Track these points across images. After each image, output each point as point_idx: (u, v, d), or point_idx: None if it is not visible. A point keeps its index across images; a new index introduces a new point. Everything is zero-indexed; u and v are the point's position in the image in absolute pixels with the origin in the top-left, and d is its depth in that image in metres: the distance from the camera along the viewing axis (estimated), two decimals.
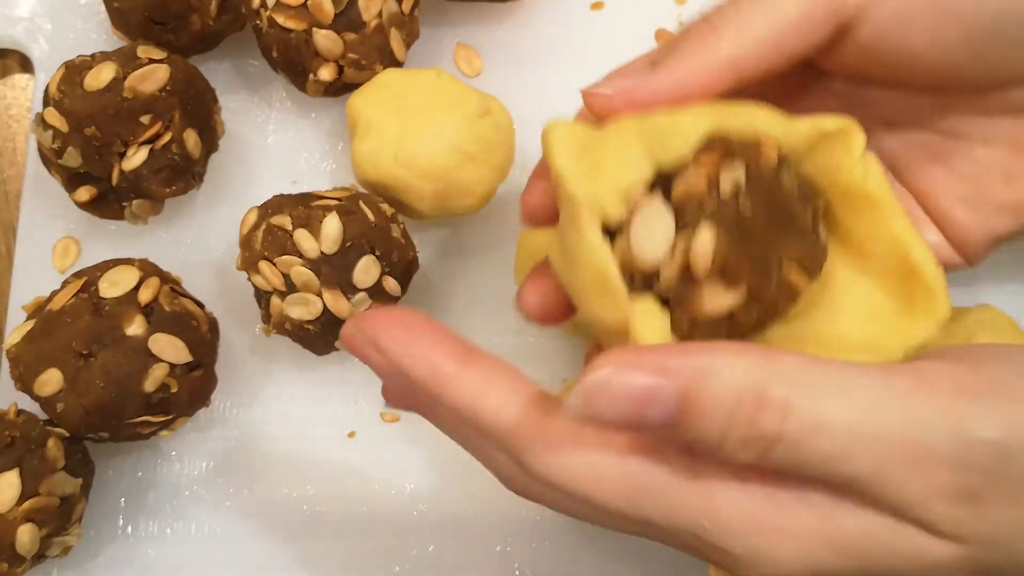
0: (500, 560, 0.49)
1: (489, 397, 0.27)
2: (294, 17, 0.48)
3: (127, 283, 0.45)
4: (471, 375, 0.28)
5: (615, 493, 0.27)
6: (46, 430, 0.45)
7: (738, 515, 0.26)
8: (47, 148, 0.48)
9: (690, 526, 0.26)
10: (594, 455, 0.27)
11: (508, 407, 0.27)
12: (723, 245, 0.29)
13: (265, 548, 0.49)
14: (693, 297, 0.30)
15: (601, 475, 0.26)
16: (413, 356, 0.27)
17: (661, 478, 0.26)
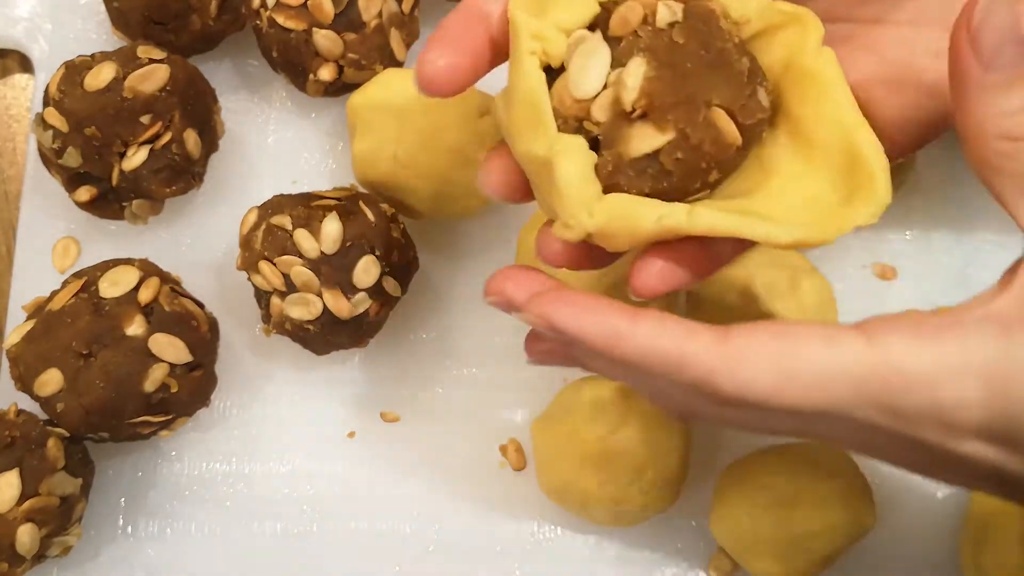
0: (500, 560, 0.49)
1: (663, 340, 0.29)
2: (294, 17, 0.48)
3: (127, 283, 0.45)
4: (643, 326, 0.30)
5: (803, 389, 0.28)
6: (46, 430, 0.45)
7: (921, 371, 0.28)
8: (47, 148, 0.48)
9: (877, 396, 0.28)
10: (776, 359, 0.28)
11: (684, 345, 0.29)
12: (652, 77, 0.30)
13: (265, 548, 0.49)
14: (621, 135, 0.30)
15: (786, 377, 0.28)
16: (587, 320, 0.30)
17: (843, 360, 0.28)
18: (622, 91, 0.30)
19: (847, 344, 0.28)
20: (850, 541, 0.45)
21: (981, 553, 0.45)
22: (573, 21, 0.31)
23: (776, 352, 0.28)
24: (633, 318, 0.30)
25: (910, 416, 0.28)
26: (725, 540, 0.46)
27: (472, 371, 0.51)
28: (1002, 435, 0.28)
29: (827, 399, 0.28)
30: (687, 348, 0.29)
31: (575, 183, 0.30)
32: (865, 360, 0.28)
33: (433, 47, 0.33)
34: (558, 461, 0.46)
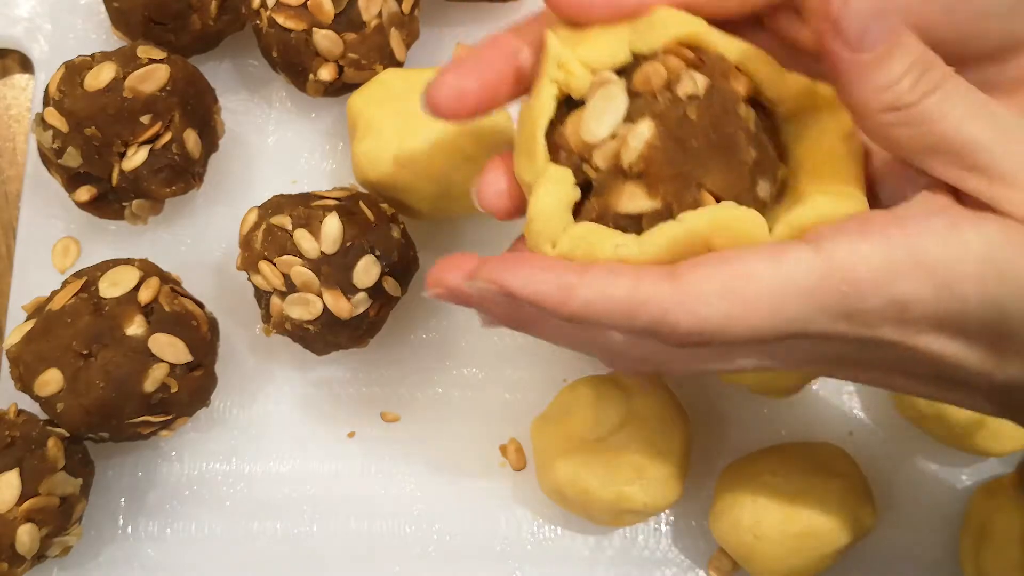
0: (500, 560, 0.49)
1: (614, 289, 0.29)
2: (294, 17, 0.48)
3: (127, 283, 0.45)
4: (591, 277, 0.30)
5: (757, 310, 0.28)
6: (46, 430, 0.45)
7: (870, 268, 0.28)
8: (47, 148, 0.48)
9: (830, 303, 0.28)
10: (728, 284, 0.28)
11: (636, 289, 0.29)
12: (656, 145, 0.30)
13: (265, 548, 0.49)
14: (613, 187, 0.31)
15: (739, 301, 0.28)
16: (534, 280, 0.30)
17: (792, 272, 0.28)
18: (624, 148, 0.30)
19: (794, 257, 0.28)
20: (850, 541, 0.45)
21: (981, 553, 0.45)
22: (603, 61, 0.32)
23: (726, 279, 0.28)
24: (582, 271, 0.30)
25: (867, 318, 0.29)
26: (725, 540, 0.46)
27: (472, 371, 0.51)
28: (957, 326, 0.29)
29: (783, 317, 0.28)
30: (638, 292, 0.29)
31: (545, 214, 0.31)
32: (815, 269, 0.28)
33: (451, 70, 0.33)
34: (558, 461, 0.46)
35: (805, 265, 0.28)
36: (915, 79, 0.29)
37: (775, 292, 0.28)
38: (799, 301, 0.28)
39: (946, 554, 0.48)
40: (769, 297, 0.28)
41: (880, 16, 0.28)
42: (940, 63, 0.29)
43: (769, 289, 0.28)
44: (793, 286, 0.28)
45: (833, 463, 0.46)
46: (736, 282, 0.28)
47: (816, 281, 0.28)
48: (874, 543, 0.48)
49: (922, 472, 0.49)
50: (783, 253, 0.28)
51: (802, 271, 0.28)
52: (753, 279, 0.28)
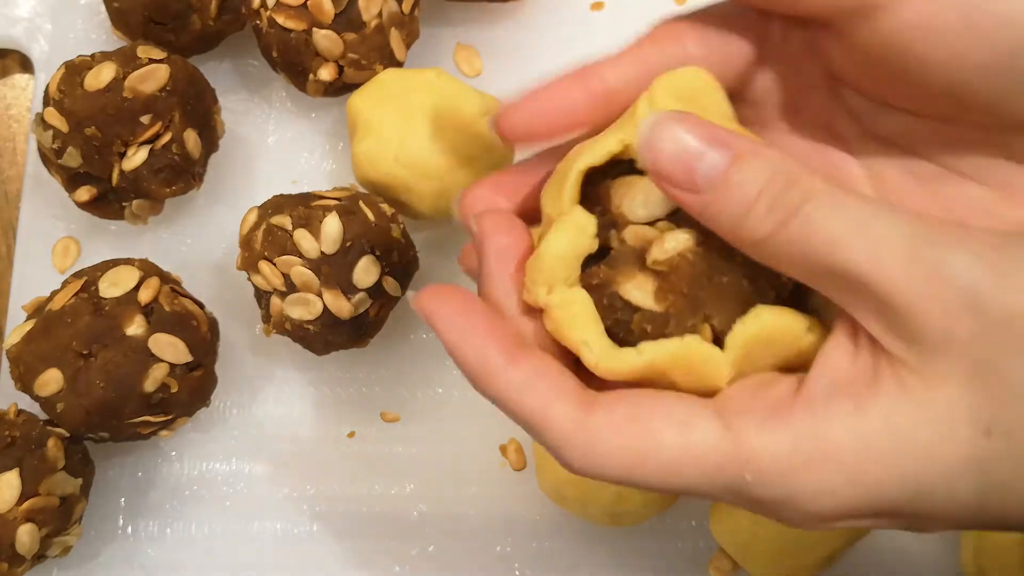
0: (500, 561, 0.49)
1: (529, 397, 0.29)
2: (294, 17, 0.48)
3: (127, 283, 0.45)
4: (516, 373, 0.29)
5: (656, 473, 0.28)
6: (46, 430, 0.45)
7: (774, 458, 0.27)
8: (47, 148, 0.48)
9: (732, 484, 0.27)
10: (631, 442, 0.28)
11: (547, 409, 0.29)
12: (688, 260, 0.29)
13: (265, 548, 0.49)
14: (626, 270, 0.30)
15: (640, 461, 0.28)
16: (466, 344, 0.29)
17: (697, 448, 0.27)
18: (657, 243, 0.29)
19: (701, 431, 0.27)
20: (850, 541, 0.45)
21: (981, 553, 0.45)
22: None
23: (631, 437, 0.27)
24: (512, 358, 0.29)
25: (768, 505, 0.27)
26: (725, 540, 0.46)
27: None
28: (872, 510, 0.27)
29: (680, 483, 0.28)
30: (549, 412, 0.28)
31: (556, 256, 0.30)
32: (719, 449, 0.27)
33: (531, 92, 0.32)
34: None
35: (711, 443, 0.27)
36: (769, 204, 0.26)
37: (677, 461, 0.27)
38: (699, 475, 0.27)
39: (946, 554, 0.48)
40: (671, 465, 0.27)
41: (706, 148, 0.27)
42: (804, 179, 0.27)
43: (672, 457, 0.27)
44: (695, 460, 0.27)
45: None
46: (639, 443, 0.27)
47: (719, 461, 0.27)
48: (874, 543, 0.48)
49: None
50: (692, 424, 0.27)
51: (706, 448, 0.27)
52: (657, 444, 0.27)
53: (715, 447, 0.27)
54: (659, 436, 0.27)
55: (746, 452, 0.27)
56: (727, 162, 0.27)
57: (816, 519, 0.27)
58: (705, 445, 0.27)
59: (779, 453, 0.27)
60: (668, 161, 0.27)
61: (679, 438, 0.27)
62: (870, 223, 0.26)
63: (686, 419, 0.28)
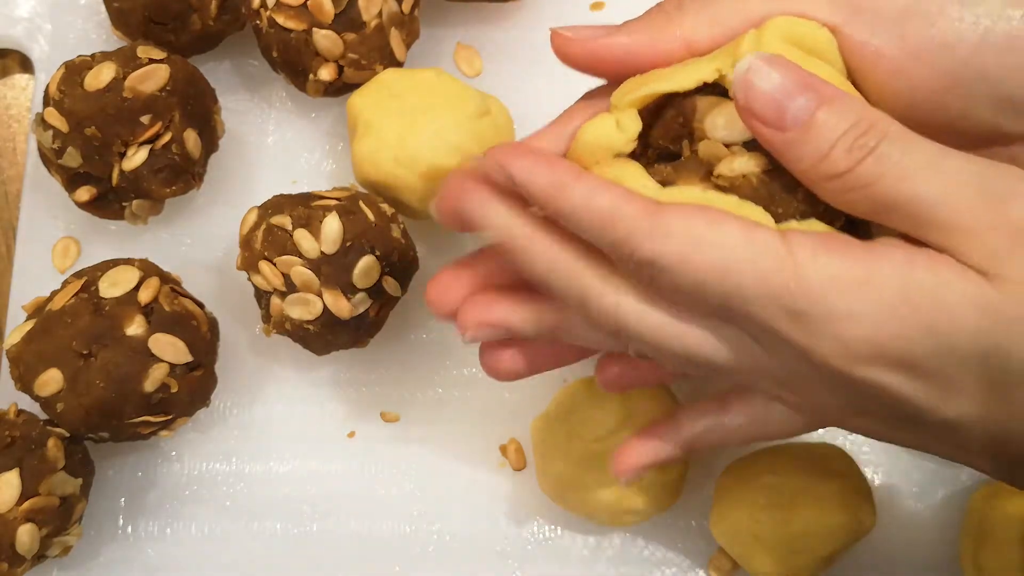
0: (500, 561, 0.49)
1: (600, 196, 0.31)
2: (294, 17, 0.48)
3: (127, 283, 0.45)
4: (588, 179, 0.31)
5: (711, 263, 0.29)
6: (46, 430, 0.45)
7: (821, 275, 0.29)
8: (47, 148, 0.48)
9: (777, 292, 0.29)
10: (696, 227, 0.29)
11: (618, 201, 0.30)
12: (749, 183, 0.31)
13: (265, 548, 0.49)
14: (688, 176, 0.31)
15: (699, 246, 0.29)
16: (538, 166, 0.31)
17: (755, 247, 0.29)
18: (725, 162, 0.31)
19: (762, 237, 0.29)
20: (850, 541, 0.45)
21: (981, 553, 0.45)
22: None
23: (697, 226, 0.29)
24: (578, 176, 0.31)
25: (806, 323, 0.29)
26: (725, 540, 0.46)
27: (472, 371, 0.51)
28: (898, 357, 0.29)
29: (729, 282, 0.29)
30: (618, 208, 0.30)
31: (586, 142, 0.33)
32: (774, 254, 0.29)
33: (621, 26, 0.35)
34: (558, 461, 0.46)
35: (768, 248, 0.29)
36: (849, 144, 0.29)
37: (733, 255, 0.29)
38: (750, 275, 0.29)
39: (946, 554, 0.48)
40: (726, 257, 0.29)
41: (800, 91, 0.29)
42: (880, 123, 0.29)
43: (729, 249, 0.29)
44: (750, 259, 0.29)
45: (833, 463, 0.46)
46: (704, 232, 0.29)
47: (771, 266, 0.29)
48: (874, 543, 0.48)
49: (922, 472, 0.49)
50: (755, 230, 0.29)
51: (762, 250, 0.29)
52: (719, 235, 0.29)
53: (771, 251, 0.29)
54: (723, 226, 0.29)
55: (798, 264, 0.29)
56: (814, 106, 0.29)
57: (845, 348, 0.29)
58: (763, 247, 0.29)
59: (828, 272, 0.29)
60: (760, 100, 0.29)
61: (741, 234, 0.29)
62: (940, 162, 0.29)
63: (751, 225, 0.29)
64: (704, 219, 0.29)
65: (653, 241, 0.29)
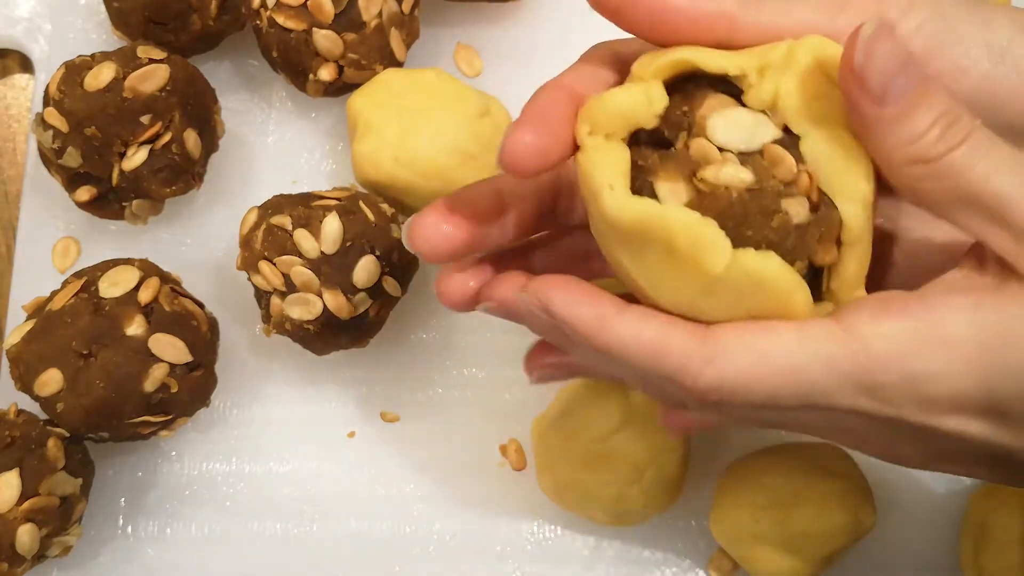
0: (500, 560, 0.49)
1: (645, 331, 0.30)
2: (294, 17, 0.48)
3: (127, 283, 0.45)
4: (629, 315, 0.30)
5: (780, 375, 0.29)
6: (46, 430, 0.45)
7: (889, 344, 0.28)
8: (47, 148, 0.48)
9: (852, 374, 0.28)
10: (753, 344, 0.29)
11: (664, 335, 0.30)
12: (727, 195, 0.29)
13: (265, 548, 0.49)
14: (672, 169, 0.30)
15: (762, 362, 0.29)
16: (580, 304, 0.30)
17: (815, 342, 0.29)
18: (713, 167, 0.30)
19: (818, 328, 0.29)
20: (850, 541, 0.45)
21: (981, 553, 0.45)
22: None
23: (752, 340, 0.29)
24: (620, 308, 0.30)
25: (887, 394, 0.29)
26: (725, 540, 0.46)
27: (472, 371, 0.51)
28: (982, 405, 0.29)
29: (802, 384, 0.29)
30: (667, 339, 0.29)
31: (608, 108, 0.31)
32: (835, 340, 0.29)
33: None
34: (558, 461, 0.46)
35: (828, 337, 0.29)
36: (941, 132, 0.29)
37: (796, 357, 0.29)
38: (819, 370, 0.28)
39: (946, 554, 0.48)
40: (790, 361, 0.29)
41: (905, 69, 0.28)
42: (967, 116, 0.29)
43: (791, 353, 0.29)
44: (814, 355, 0.28)
45: (833, 463, 0.46)
46: (761, 344, 0.29)
47: (836, 351, 0.28)
48: (874, 543, 0.48)
49: (922, 472, 0.49)
50: (809, 326, 0.29)
51: (823, 341, 0.29)
52: (777, 346, 0.29)
53: (831, 339, 0.29)
54: (778, 339, 0.29)
55: (862, 340, 0.28)
56: (917, 88, 0.28)
57: (931, 405, 0.29)
58: (822, 339, 0.29)
59: (895, 338, 0.28)
60: (875, 68, 0.28)
61: (797, 337, 0.29)
62: (1021, 164, 0.29)
63: (802, 324, 0.29)
64: (755, 330, 0.29)
65: (711, 365, 0.29)
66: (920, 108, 0.29)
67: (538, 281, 0.31)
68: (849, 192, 0.30)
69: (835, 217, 0.30)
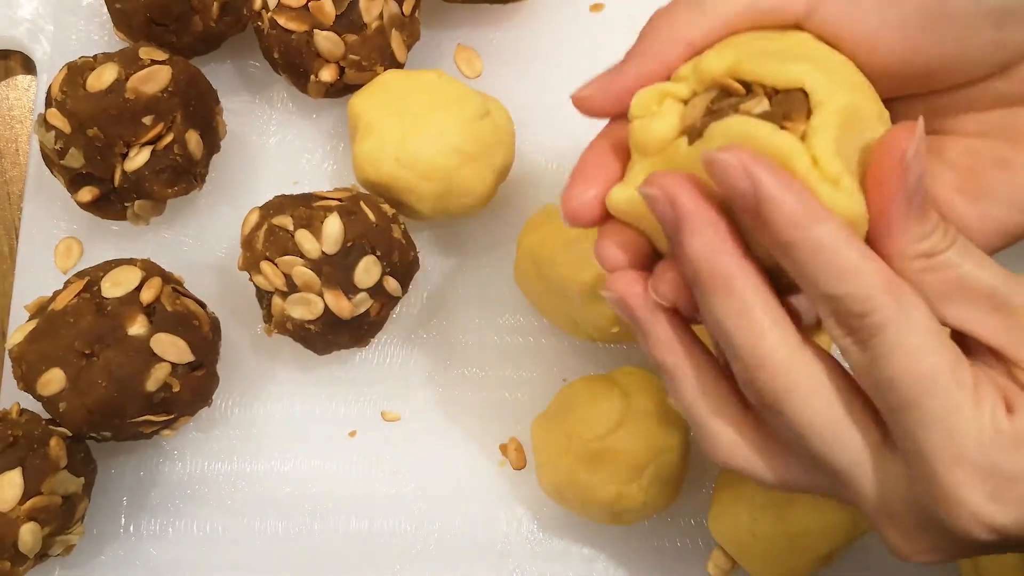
0: (499, 560, 0.49)
1: (851, 244, 0.30)
2: (295, 19, 0.49)
3: (129, 283, 0.45)
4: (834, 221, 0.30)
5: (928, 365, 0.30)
6: (48, 429, 0.45)
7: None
8: (49, 149, 0.48)
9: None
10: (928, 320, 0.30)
11: (866, 258, 0.30)
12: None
13: (266, 547, 0.50)
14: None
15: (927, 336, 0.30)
16: (787, 190, 0.29)
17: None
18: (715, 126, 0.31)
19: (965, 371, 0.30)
20: (849, 540, 0.45)
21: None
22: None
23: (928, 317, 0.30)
24: (827, 214, 0.29)
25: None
26: (724, 539, 0.46)
27: (472, 371, 0.52)
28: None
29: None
30: (863, 267, 0.29)
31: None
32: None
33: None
34: (558, 460, 0.46)
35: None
36: (943, 231, 0.31)
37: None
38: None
39: None
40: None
41: (924, 173, 0.30)
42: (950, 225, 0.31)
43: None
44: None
45: None
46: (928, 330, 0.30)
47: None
48: (873, 542, 0.48)
49: None
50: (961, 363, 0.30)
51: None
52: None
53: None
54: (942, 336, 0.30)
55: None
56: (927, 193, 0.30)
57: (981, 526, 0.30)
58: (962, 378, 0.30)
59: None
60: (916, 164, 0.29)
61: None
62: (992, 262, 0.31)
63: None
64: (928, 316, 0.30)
65: (900, 322, 0.29)
66: (930, 211, 0.30)
67: (748, 157, 0.30)
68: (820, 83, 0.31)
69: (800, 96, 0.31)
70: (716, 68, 0.32)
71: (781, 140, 0.29)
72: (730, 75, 0.32)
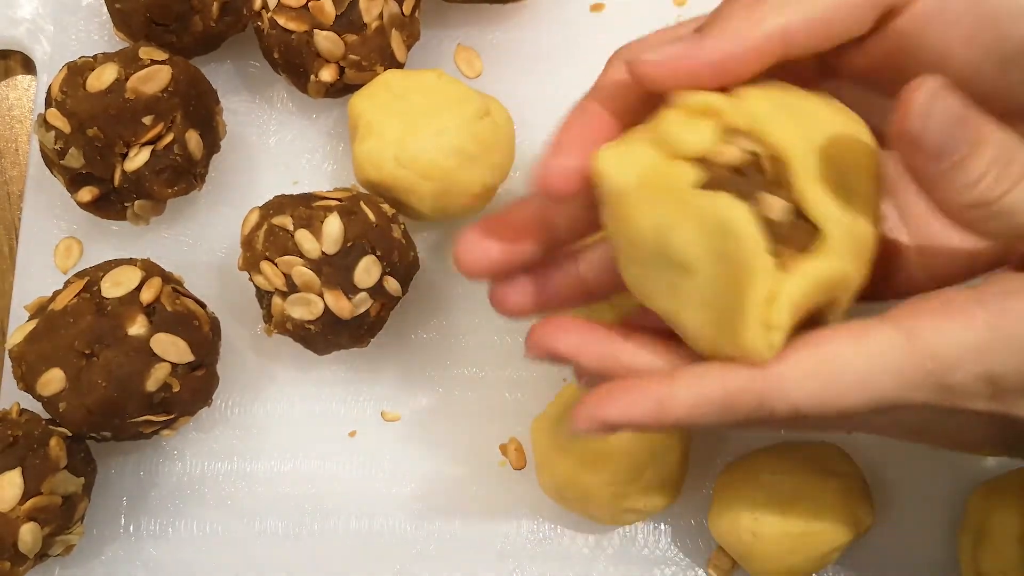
0: (500, 560, 0.49)
1: (707, 387, 0.30)
2: (295, 18, 0.49)
3: (129, 283, 0.45)
4: (683, 382, 0.31)
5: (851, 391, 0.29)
6: (48, 429, 0.45)
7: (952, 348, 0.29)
8: (49, 149, 0.48)
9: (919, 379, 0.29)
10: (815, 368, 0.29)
11: (726, 383, 0.30)
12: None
13: (266, 547, 0.50)
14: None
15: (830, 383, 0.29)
16: (629, 405, 0.31)
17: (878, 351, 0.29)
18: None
19: (878, 337, 0.29)
20: (849, 540, 0.45)
21: (980, 553, 0.45)
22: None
23: (814, 363, 0.29)
24: (670, 381, 0.30)
25: (957, 390, 0.29)
26: (724, 539, 0.46)
27: (472, 371, 0.52)
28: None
29: (873, 395, 0.29)
30: (730, 386, 0.30)
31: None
32: (900, 347, 0.29)
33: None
34: (558, 461, 0.46)
35: (890, 344, 0.29)
36: (996, 176, 0.29)
37: (864, 371, 0.29)
38: (887, 379, 0.29)
39: (945, 554, 0.48)
40: (858, 377, 0.29)
41: (959, 124, 0.28)
42: (1020, 155, 0.29)
43: (858, 369, 0.29)
44: (880, 365, 0.29)
45: (832, 462, 0.46)
46: (824, 365, 0.29)
47: (903, 359, 0.29)
48: (873, 542, 0.48)
49: (921, 471, 0.49)
50: (867, 334, 0.29)
51: (887, 350, 0.29)
52: (841, 362, 0.29)
53: (894, 346, 0.29)
54: (838, 353, 0.29)
55: (927, 346, 0.29)
56: (971, 138, 0.28)
57: (1004, 395, 0.30)
58: (884, 347, 0.29)
59: (963, 343, 0.29)
60: (931, 129, 0.28)
61: (857, 347, 0.29)
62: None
63: (859, 333, 0.29)
64: (815, 352, 0.29)
65: (784, 399, 0.29)
66: (975, 155, 0.28)
67: (586, 405, 0.31)
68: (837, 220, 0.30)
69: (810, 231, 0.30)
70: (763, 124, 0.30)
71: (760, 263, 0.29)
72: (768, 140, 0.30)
